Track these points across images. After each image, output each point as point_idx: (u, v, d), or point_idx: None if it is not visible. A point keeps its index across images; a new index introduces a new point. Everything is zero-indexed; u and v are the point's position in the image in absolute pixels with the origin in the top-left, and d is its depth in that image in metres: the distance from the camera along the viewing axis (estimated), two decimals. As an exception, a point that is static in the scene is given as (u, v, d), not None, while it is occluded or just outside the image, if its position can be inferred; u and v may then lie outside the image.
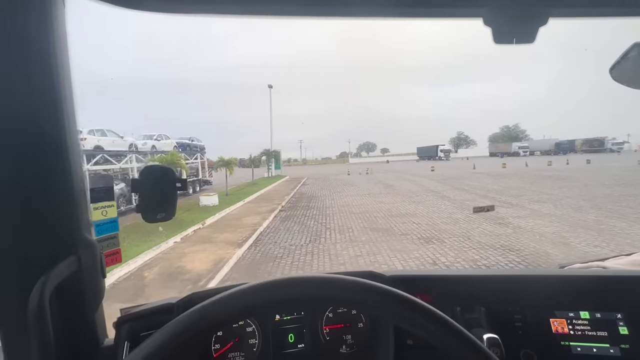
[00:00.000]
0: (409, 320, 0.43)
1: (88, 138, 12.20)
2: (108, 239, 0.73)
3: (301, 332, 0.80)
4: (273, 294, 0.44)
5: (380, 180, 20.93)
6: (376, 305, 0.44)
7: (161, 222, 0.68)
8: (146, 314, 0.74)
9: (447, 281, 0.87)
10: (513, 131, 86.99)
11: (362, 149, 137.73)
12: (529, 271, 0.96)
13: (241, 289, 0.44)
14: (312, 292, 0.45)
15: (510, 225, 7.29)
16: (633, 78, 0.83)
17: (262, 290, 0.44)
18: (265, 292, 0.44)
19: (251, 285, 0.44)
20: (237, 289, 0.44)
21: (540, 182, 15.50)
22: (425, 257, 5.49)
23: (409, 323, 0.43)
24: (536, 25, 0.58)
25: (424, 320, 0.42)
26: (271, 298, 0.44)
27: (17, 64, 0.49)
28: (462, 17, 0.58)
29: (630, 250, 4.09)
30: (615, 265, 0.93)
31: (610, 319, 0.75)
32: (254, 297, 0.44)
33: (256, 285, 0.45)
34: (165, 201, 0.67)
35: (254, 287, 0.44)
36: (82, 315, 0.61)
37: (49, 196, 0.54)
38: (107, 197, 0.71)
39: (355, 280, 0.45)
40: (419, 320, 0.42)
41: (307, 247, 6.56)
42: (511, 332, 0.75)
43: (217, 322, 0.43)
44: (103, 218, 0.71)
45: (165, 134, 18.65)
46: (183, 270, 5.42)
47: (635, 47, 0.73)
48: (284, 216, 10.18)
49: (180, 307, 0.72)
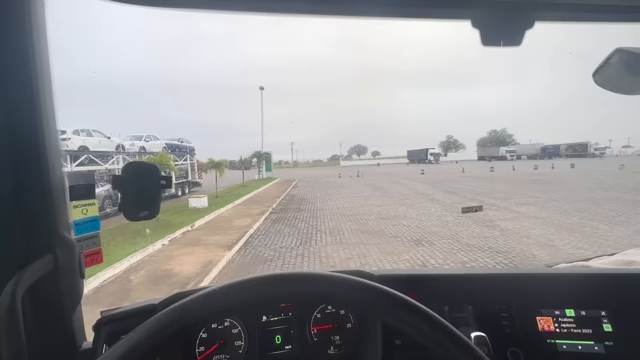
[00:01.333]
0: (398, 317, 0.42)
1: (73, 138, 11.90)
2: (88, 238, 0.70)
3: (288, 333, 0.79)
4: (256, 291, 0.43)
5: (371, 183, 21.04)
6: (364, 301, 0.43)
7: (145, 221, 0.65)
8: (127, 315, 0.71)
9: (435, 280, 0.87)
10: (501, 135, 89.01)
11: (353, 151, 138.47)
12: (515, 270, 0.98)
13: (222, 286, 0.42)
14: (297, 288, 0.44)
15: (498, 228, 7.42)
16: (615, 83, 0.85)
17: (245, 287, 0.43)
18: (247, 289, 0.43)
19: (233, 282, 0.43)
20: (218, 286, 0.42)
21: (527, 185, 15.85)
22: (415, 259, 5.53)
23: (398, 320, 0.42)
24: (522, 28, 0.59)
25: (413, 318, 0.42)
26: (254, 295, 0.43)
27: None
28: (450, 19, 0.59)
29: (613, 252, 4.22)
30: (599, 264, 0.95)
31: (594, 317, 0.76)
32: (236, 294, 0.42)
33: (238, 282, 0.43)
34: (149, 199, 0.65)
35: (236, 284, 0.43)
36: (58, 317, 0.58)
37: (24, 194, 0.51)
38: (88, 195, 0.68)
39: (343, 277, 0.44)
40: (407, 318, 0.42)
41: (297, 249, 6.52)
42: (498, 330, 0.76)
43: (196, 321, 0.41)
44: (83, 217, 0.68)
45: (154, 134, 18.37)
46: (170, 273, 5.31)
47: (617, 53, 0.75)
48: (274, 218, 10.12)
49: (163, 307, 0.69)
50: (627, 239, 6.20)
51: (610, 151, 60.08)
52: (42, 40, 0.52)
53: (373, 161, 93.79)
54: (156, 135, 18.52)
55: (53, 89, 0.55)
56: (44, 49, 0.53)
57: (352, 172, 32.73)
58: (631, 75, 0.74)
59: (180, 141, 21.04)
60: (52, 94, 0.55)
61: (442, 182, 19.18)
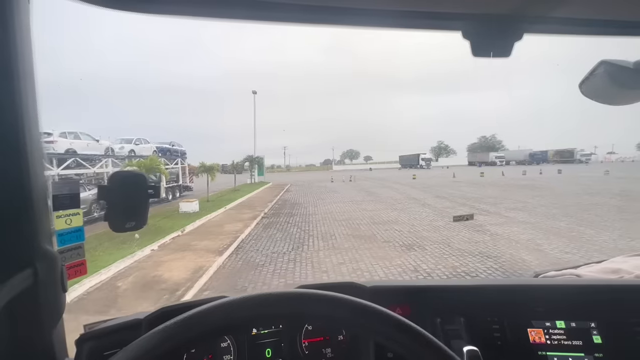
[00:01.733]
0: (390, 337, 0.42)
1: (59, 141, 11.64)
2: (72, 249, 0.67)
3: (279, 346, 0.77)
4: (247, 311, 0.42)
5: (363, 188, 21.12)
6: (356, 322, 0.42)
7: (131, 232, 0.63)
8: (111, 330, 0.68)
9: (427, 291, 0.87)
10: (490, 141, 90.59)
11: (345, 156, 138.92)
12: (506, 280, 0.98)
13: (213, 306, 0.41)
14: (286, 310, 0.43)
15: (488, 233, 7.51)
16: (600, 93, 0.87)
17: (236, 307, 0.42)
18: (238, 309, 0.42)
19: (225, 302, 0.41)
20: (208, 306, 0.41)
21: (516, 191, 16.12)
22: (407, 264, 5.54)
23: (392, 342, 0.42)
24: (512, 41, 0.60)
25: (404, 337, 0.41)
26: (244, 315, 0.42)
27: None
28: (442, 30, 0.60)
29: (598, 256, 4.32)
30: (587, 272, 0.96)
31: (584, 328, 0.77)
32: (227, 314, 0.41)
33: (230, 301, 0.42)
34: (136, 209, 0.63)
35: (228, 303, 0.41)
36: (38, 334, 0.56)
37: (3, 204, 0.49)
38: (72, 205, 0.66)
39: (332, 296, 0.43)
40: (400, 339, 0.41)
41: (289, 254, 6.48)
42: (490, 343, 0.76)
43: (186, 342, 0.40)
44: (67, 227, 0.65)
45: (144, 138, 18.09)
46: (160, 279, 5.20)
47: (602, 65, 0.77)
48: (266, 223, 10.04)
49: (149, 323, 0.67)
50: (612, 243, 6.34)
51: (596, 157, 61.77)
52: (25, 41, 0.50)
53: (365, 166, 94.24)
54: (146, 138, 18.27)
55: (37, 92, 0.52)
56: (27, 51, 0.51)
57: (345, 177, 32.81)
58: (615, 87, 0.76)
59: (171, 145, 20.81)
60: (36, 98, 0.52)
61: (433, 187, 19.38)
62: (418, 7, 0.56)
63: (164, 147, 19.53)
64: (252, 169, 30.04)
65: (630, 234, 6.97)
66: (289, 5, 0.52)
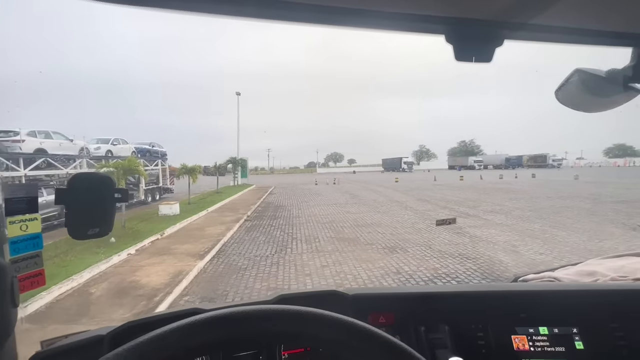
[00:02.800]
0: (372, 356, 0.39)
1: (27, 140, 10.99)
2: (27, 258, 0.60)
3: (257, 359, 0.73)
4: (220, 329, 0.38)
5: (347, 191, 21.23)
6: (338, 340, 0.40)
7: (115, 228, 0.58)
8: (68, 349, 0.62)
9: (410, 299, 0.86)
10: (469, 146, 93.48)
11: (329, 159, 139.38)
12: (489, 287, 0.98)
13: (186, 323, 0.37)
14: (254, 327, 0.40)
15: (467, 235, 7.71)
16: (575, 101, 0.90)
17: (210, 325, 0.38)
18: (212, 327, 0.38)
19: (198, 319, 0.38)
20: (178, 324, 0.37)
21: (494, 194, 16.70)
22: (389, 266, 5.59)
23: None
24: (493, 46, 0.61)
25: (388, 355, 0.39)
26: (217, 334, 0.38)
27: None
28: (426, 33, 0.59)
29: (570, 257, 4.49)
30: (565, 275, 0.99)
31: (567, 334, 0.78)
32: (199, 333, 0.37)
33: (204, 318, 0.38)
34: (100, 214, 0.57)
35: (201, 321, 0.37)
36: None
37: None
38: (28, 209, 0.59)
39: (308, 312, 0.40)
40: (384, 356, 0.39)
41: (272, 257, 6.39)
42: (475, 351, 0.75)
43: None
44: (22, 234, 0.59)
45: (122, 138, 17.44)
46: (137, 285, 5.00)
47: (576, 73, 0.79)
48: (249, 226, 9.89)
49: (112, 339, 0.61)
50: (583, 244, 6.66)
51: (566, 162, 65.04)
52: None
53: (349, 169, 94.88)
54: (125, 138, 17.61)
55: None
56: None
57: (329, 180, 32.89)
58: (588, 95, 0.79)
59: (151, 145, 20.18)
60: None
61: (415, 190, 19.74)
62: (402, 9, 0.56)
63: (143, 148, 18.90)
64: (235, 171, 29.57)
65: (598, 235, 7.34)
66: (272, 2, 0.50)
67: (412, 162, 71.36)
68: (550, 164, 57.78)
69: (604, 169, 48.73)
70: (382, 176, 44.86)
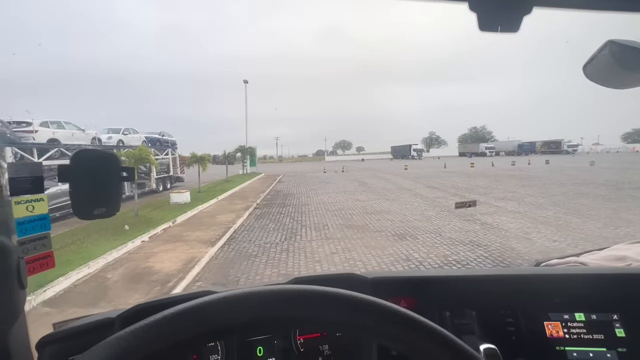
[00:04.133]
0: (401, 339, 0.36)
1: (40, 130, 11.23)
2: (35, 239, 0.59)
3: (271, 343, 0.71)
4: (235, 312, 0.34)
5: (355, 178, 21.15)
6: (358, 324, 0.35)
7: (126, 217, 0.56)
8: (78, 331, 0.61)
9: (432, 282, 0.81)
10: (480, 132, 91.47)
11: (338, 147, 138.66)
12: (515, 270, 0.94)
13: (197, 304, 0.33)
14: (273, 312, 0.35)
15: (478, 222, 7.61)
16: (605, 76, 0.83)
17: (225, 306, 0.34)
18: (227, 308, 0.34)
19: (211, 299, 0.34)
20: (190, 304, 0.33)
21: (505, 181, 16.37)
22: (399, 253, 5.59)
23: (401, 342, 0.36)
24: (520, 14, 0.56)
25: (418, 337, 0.35)
26: (231, 317, 0.34)
27: None
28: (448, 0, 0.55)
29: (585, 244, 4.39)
30: (592, 260, 0.94)
31: (606, 321, 0.72)
32: (213, 315, 0.33)
33: (218, 299, 0.34)
34: (106, 193, 0.55)
35: (215, 301, 0.34)
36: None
37: None
38: (34, 189, 0.57)
39: (329, 291, 0.36)
40: (412, 338, 0.35)
41: (282, 244, 6.46)
42: (504, 338, 0.71)
43: (157, 351, 0.31)
44: (29, 214, 0.58)
45: (133, 127, 17.62)
46: (151, 270, 5.13)
47: (609, 45, 0.72)
48: (259, 214, 9.98)
49: (122, 321, 0.60)
50: (598, 231, 6.50)
51: (582, 148, 63.14)
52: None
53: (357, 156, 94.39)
54: (135, 128, 17.79)
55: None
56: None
57: (337, 167, 32.79)
58: (619, 69, 0.72)
59: (161, 135, 20.38)
60: None
61: (424, 178, 19.52)
62: None
63: (153, 137, 19.11)
64: (244, 160, 29.73)
65: (614, 222, 7.15)
66: None
67: (421, 149, 70.46)
68: (565, 150, 56.21)
69: (622, 155, 47.17)
70: (390, 164, 44.47)
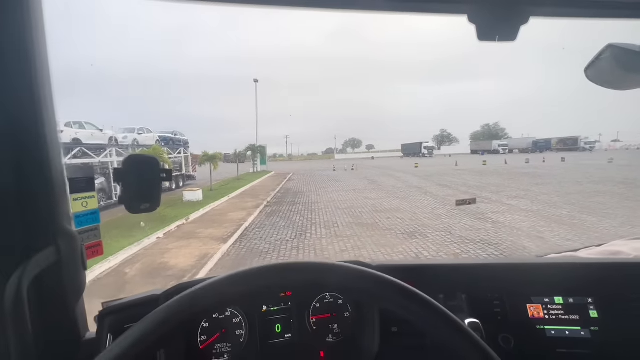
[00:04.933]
0: (398, 304, 0.45)
1: (65, 130, 11.69)
2: (89, 230, 0.71)
3: (288, 322, 0.81)
4: (256, 281, 0.45)
5: (365, 177, 21.11)
6: (365, 289, 0.45)
7: (139, 215, 0.66)
8: (129, 305, 0.72)
9: (431, 270, 0.90)
10: (493, 129, 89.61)
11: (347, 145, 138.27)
12: (507, 260, 1.01)
13: (224, 277, 0.44)
14: (298, 277, 0.46)
15: (490, 220, 7.54)
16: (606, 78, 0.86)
17: (245, 278, 0.44)
18: (248, 279, 0.44)
19: (235, 273, 0.44)
20: (220, 277, 0.44)
21: (518, 179, 16.06)
22: (408, 251, 5.61)
23: (397, 307, 0.45)
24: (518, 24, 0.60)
25: (410, 303, 0.44)
26: (254, 285, 0.44)
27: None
28: (447, 13, 0.60)
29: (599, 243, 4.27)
30: (587, 255, 0.98)
31: (581, 304, 0.81)
32: (236, 285, 0.44)
33: (240, 272, 0.45)
34: (150, 191, 0.65)
35: (239, 274, 0.44)
36: (62, 308, 0.59)
37: (26, 187, 0.52)
38: (87, 188, 0.69)
39: (343, 265, 0.46)
40: (405, 303, 0.44)
41: (292, 242, 6.56)
42: (490, 317, 0.79)
43: (200, 311, 0.43)
44: (83, 209, 0.69)
45: (147, 127, 18.07)
46: (166, 266, 5.31)
47: (609, 48, 0.76)
48: (269, 211, 10.12)
49: (166, 298, 0.71)
50: (614, 230, 6.36)
51: (600, 145, 61.23)
52: (40, 33, 0.52)
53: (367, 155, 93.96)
54: (149, 127, 18.25)
55: (52, 82, 0.55)
56: (42, 42, 0.52)
57: (347, 166, 32.78)
58: (622, 71, 0.76)
59: (173, 134, 20.79)
60: (51, 87, 0.55)
61: (435, 176, 19.33)
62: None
63: (166, 137, 19.52)
64: (255, 158, 30.04)
65: (632, 221, 6.97)
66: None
67: (432, 147, 69.49)
68: (582, 147, 54.59)
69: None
70: (401, 162, 44.10)
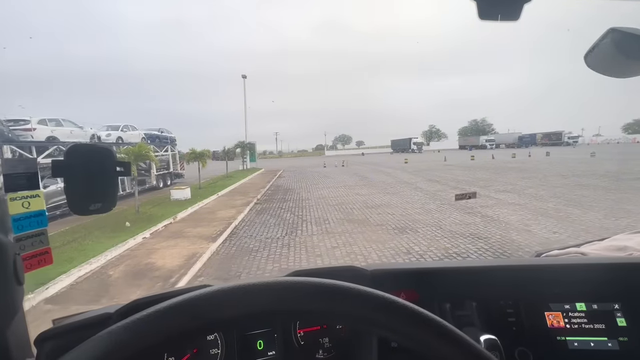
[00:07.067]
0: (404, 334, 0.36)
1: (38, 128, 11.18)
2: (32, 236, 0.58)
3: (272, 337, 0.71)
4: (230, 306, 0.34)
5: (355, 173, 21.13)
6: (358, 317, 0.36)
7: (127, 214, 0.55)
8: (75, 327, 0.61)
9: (433, 274, 0.81)
10: (481, 125, 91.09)
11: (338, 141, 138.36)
12: (516, 261, 0.93)
13: (191, 297, 0.33)
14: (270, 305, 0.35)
15: (479, 215, 7.62)
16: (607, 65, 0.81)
17: (220, 299, 0.33)
18: (221, 302, 0.33)
19: (206, 292, 0.33)
20: (184, 297, 0.33)
21: (506, 173, 16.35)
22: (399, 246, 5.60)
23: (403, 336, 0.36)
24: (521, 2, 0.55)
25: (421, 332, 0.36)
26: (226, 310, 0.33)
27: None
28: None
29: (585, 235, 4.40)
30: (593, 250, 0.93)
31: (607, 310, 0.72)
32: (208, 308, 0.33)
33: (212, 291, 0.34)
34: (101, 188, 0.54)
35: (210, 294, 0.33)
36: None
37: None
38: (29, 186, 0.57)
39: (327, 284, 0.36)
40: (414, 332, 0.36)
41: (283, 239, 6.47)
42: (505, 329, 0.71)
43: (150, 345, 0.31)
44: (25, 211, 0.57)
45: (132, 124, 17.56)
46: (153, 267, 5.15)
47: (611, 33, 0.71)
48: (259, 209, 9.99)
49: (119, 316, 0.60)
50: (599, 222, 6.50)
51: (582, 139, 62.96)
52: None
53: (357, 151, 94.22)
54: (134, 125, 17.74)
55: None
56: None
57: (337, 162, 32.75)
58: (623, 57, 0.71)
59: (160, 131, 20.31)
60: None
61: (424, 171, 19.50)
62: None
63: (152, 134, 19.05)
64: (244, 155, 29.69)
65: (615, 213, 7.15)
66: None
67: (421, 143, 70.26)
68: (566, 142, 56.02)
69: (623, 146, 47.02)
70: (391, 157, 44.39)
